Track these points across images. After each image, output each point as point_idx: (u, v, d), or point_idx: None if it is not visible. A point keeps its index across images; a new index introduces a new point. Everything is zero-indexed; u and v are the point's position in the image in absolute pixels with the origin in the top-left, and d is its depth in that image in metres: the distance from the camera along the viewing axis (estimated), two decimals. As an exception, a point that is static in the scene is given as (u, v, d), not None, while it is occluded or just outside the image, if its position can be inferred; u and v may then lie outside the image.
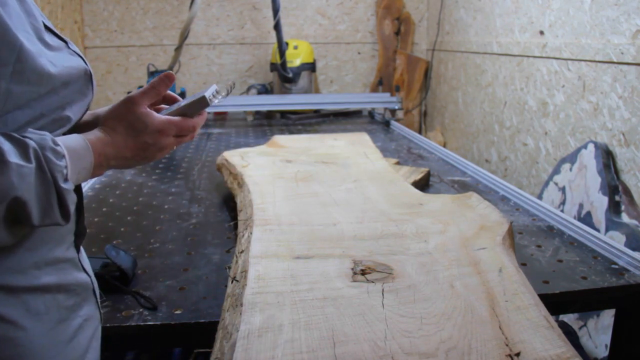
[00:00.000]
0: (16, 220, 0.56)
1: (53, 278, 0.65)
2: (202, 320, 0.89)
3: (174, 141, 0.72)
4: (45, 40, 0.63)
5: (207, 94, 0.73)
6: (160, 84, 0.72)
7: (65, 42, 0.68)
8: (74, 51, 0.68)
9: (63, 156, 0.59)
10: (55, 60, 0.62)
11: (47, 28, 0.65)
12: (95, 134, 0.67)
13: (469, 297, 0.74)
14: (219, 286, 1.00)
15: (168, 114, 0.72)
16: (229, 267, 0.94)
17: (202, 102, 0.73)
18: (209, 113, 3.14)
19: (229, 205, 1.48)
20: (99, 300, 0.75)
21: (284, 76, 3.13)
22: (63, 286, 0.66)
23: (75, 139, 0.63)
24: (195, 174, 1.85)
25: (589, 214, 1.72)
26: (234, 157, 1.59)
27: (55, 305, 0.65)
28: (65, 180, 0.59)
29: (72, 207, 0.60)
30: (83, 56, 0.70)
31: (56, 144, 0.59)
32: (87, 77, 0.68)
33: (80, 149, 0.63)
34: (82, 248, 0.74)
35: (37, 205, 0.56)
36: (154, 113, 0.70)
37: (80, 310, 0.69)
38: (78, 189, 0.72)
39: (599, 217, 1.66)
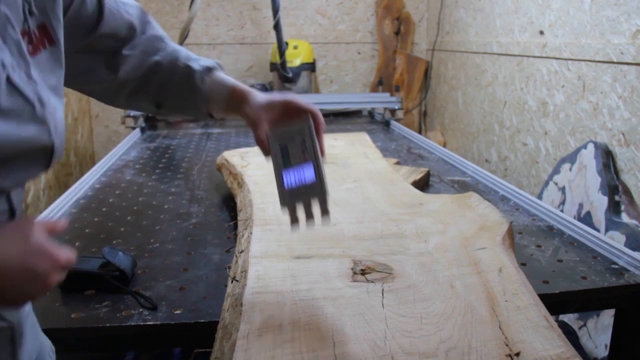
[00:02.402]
0: None
1: None
2: (202, 320, 0.89)
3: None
4: None
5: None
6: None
7: (33, 106, 0.54)
8: (42, 118, 0.55)
9: None
10: None
11: (10, 84, 0.52)
12: None
13: (468, 297, 0.74)
14: (219, 286, 1.00)
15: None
16: (229, 267, 0.94)
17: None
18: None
19: (229, 205, 1.48)
20: (19, 350, 0.63)
21: (284, 76, 3.13)
22: None
23: None
24: (195, 174, 1.85)
25: (588, 213, 1.72)
26: (234, 157, 1.59)
27: None
28: None
29: None
30: (57, 125, 0.57)
31: None
32: (45, 154, 0.56)
33: None
34: None
35: None
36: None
37: None
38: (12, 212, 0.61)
39: (599, 217, 1.66)
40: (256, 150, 1.80)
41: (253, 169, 1.45)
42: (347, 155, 1.62)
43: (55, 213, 1.40)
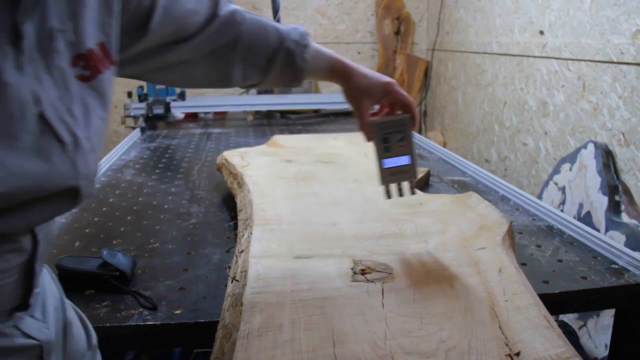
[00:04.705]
0: None
1: None
2: (202, 320, 0.89)
3: None
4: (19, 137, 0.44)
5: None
6: None
7: (64, 144, 0.49)
8: (72, 159, 0.50)
9: None
10: (9, 162, 0.44)
11: (43, 121, 0.46)
12: None
13: (469, 297, 0.74)
14: (219, 286, 1.00)
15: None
16: (229, 267, 0.94)
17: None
18: (207, 113, 3.14)
19: (229, 205, 1.47)
20: None
21: (284, 76, 3.13)
22: None
23: None
24: (195, 174, 1.85)
25: (588, 213, 1.72)
26: (234, 157, 1.59)
27: None
28: None
29: None
30: (88, 168, 0.52)
31: None
32: (70, 195, 0.51)
33: None
34: (31, 306, 0.59)
35: None
36: None
37: None
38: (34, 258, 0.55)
39: (599, 217, 1.66)
40: (256, 150, 1.80)
41: (253, 169, 1.45)
42: (347, 155, 1.62)
43: (55, 213, 1.40)
